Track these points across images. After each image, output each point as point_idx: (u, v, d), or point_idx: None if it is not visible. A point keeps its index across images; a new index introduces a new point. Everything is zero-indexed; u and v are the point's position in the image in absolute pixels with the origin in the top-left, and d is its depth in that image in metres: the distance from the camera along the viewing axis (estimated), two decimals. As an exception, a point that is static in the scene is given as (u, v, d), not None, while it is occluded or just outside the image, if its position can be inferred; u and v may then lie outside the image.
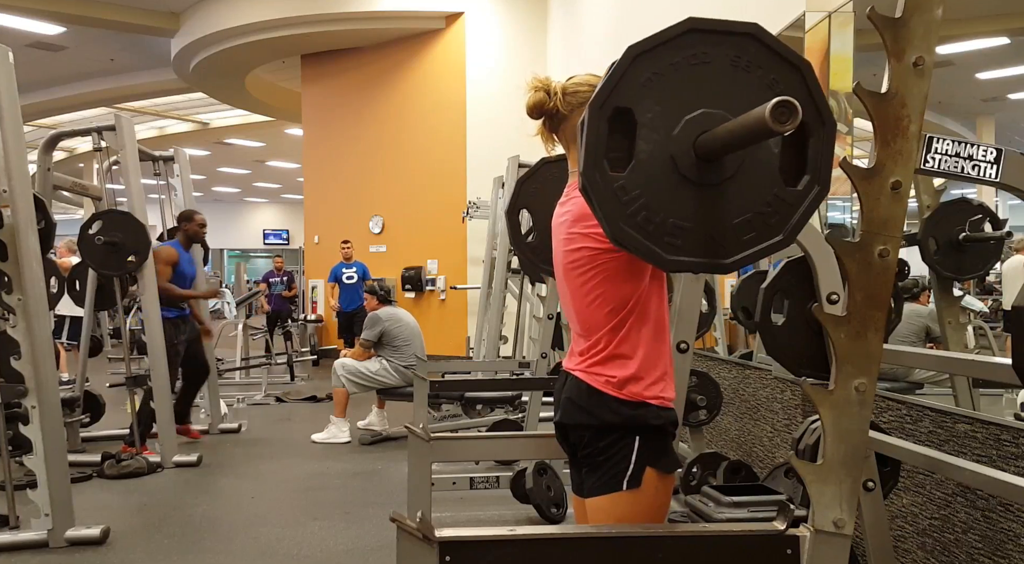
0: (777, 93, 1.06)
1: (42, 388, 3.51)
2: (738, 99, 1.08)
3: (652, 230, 1.10)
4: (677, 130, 1.07)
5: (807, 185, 1.11)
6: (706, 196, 1.11)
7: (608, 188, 1.08)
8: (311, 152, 11.91)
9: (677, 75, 1.08)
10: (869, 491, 2.00)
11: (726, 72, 1.09)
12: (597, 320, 1.61)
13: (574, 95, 1.66)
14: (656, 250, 1.11)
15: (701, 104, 1.08)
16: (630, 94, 1.07)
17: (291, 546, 3.64)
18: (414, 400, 4.07)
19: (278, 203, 28.02)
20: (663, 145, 1.08)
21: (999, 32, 2.87)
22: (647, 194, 1.09)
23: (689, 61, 1.08)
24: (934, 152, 1.57)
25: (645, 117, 1.07)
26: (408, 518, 1.21)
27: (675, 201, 1.10)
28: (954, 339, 2.57)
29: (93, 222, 4.92)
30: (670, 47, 1.08)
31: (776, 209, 1.13)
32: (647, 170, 1.09)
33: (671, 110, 1.08)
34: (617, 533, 1.39)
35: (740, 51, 1.09)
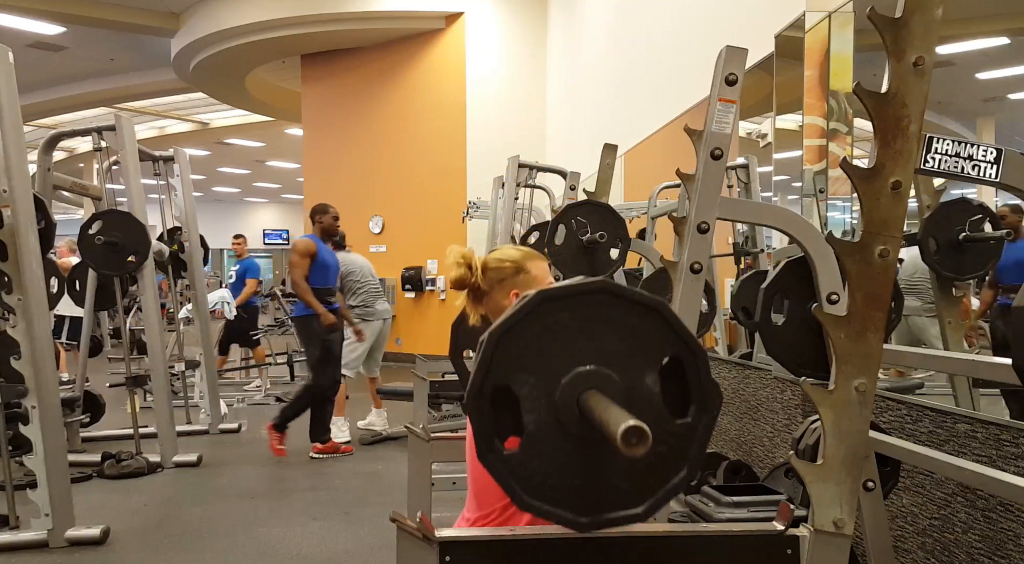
0: (641, 338, 1.10)
1: (42, 388, 3.51)
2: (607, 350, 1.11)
3: (558, 496, 1.12)
4: (558, 395, 1.10)
5: (696, 415, 1.13)
6: (602, 450, 1.12)
7: (506, 467, 1.10)
8: (311, 152, 11.91)
9: (543, 344, 1.11)
10: (869, 491, 1.99)
11: (589, 328, 1.11)
12: (489, 496, 1.61)
13: (496, 271, 1.71)
14: (566, 515, 1.12)
15: (573, 364, 1.10)
16: (504, 372, 1.10)
17: (291, 546, 3.64)
18: (414, 400, 4.06)
19: (278, 203, 28.02)
20: (548, 411, 1.10)
21: (999, 32, 2.87)
22: (544, 462, 1.11)
23: (550, 329, 1.11)
24: (934, 152, 1.57)
25: (523, 391, 1.10)
26: (408, 518, 1.21)
27: (573, 462, 1.12)
28: (954, 339, 2.57)
29: (93, 222, 4.92)
30: (529, 320, 1.10)
31: (672, 445, 1.14)
32: (538, 439, 1.11)
33: (547, 377, 1.10)
34: (617, 533, 1.39)
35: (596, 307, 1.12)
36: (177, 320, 7.24)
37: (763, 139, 4.11)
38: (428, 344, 9.54)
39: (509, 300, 1.70)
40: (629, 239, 3.43)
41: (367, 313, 5.99)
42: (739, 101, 1.89)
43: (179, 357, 6.75)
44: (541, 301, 1.10)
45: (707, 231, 1.87)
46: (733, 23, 4.57)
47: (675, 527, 1.58)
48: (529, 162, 5.23)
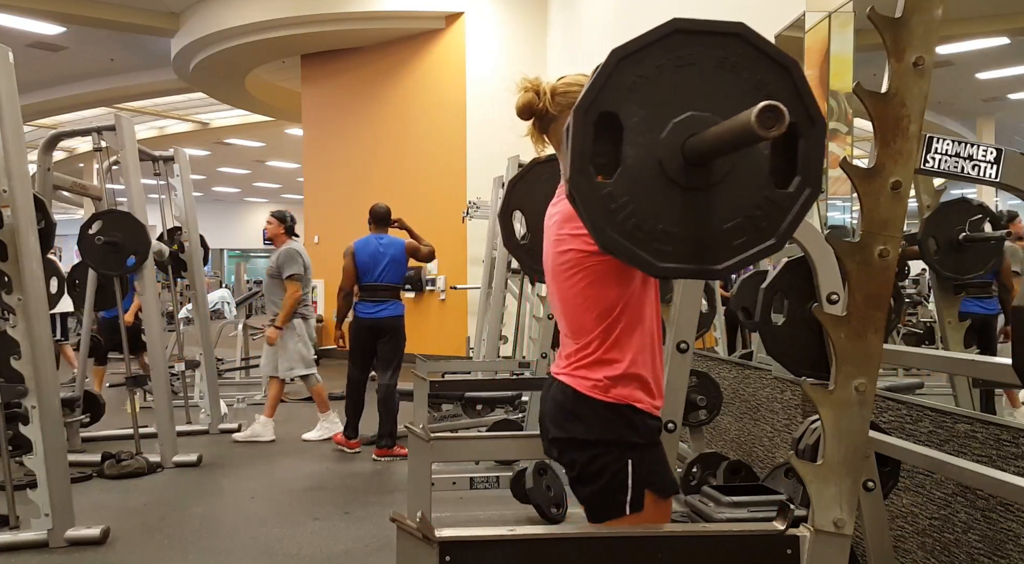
0: (765, 94, 1.05)
1: (42, 388, 3.51)
2: (726, 101, 1.06)
3: (641, 237, 1.08)
4: (664, 134, 1.06)
5: (798, 187, 1.09)
6: (695, 201, 1.09)
7: (595, 195, 1.06)
8: (311, 152, 11.91)
9: (663, 78, 1.06)
10: (869, 491, 2.00)
11: (713, 74, 1.07)
12: (585, 323, 1.59)
13: (564, 96, 1.66)
14: (646, 257, 1.09)
15: (688, 107, 1.06)
16: (615, 98, 1.05)
17: (291, 546, 3.64)
18: (414, 400, 4.07)
19: (278, 203, 28.01)
20: (650, 149, 1.06)
21: (999, 32, 2.87)
22: (635, 200, 1.07)
23: (675, 63, 1.06)
24: (934, 152, 1.57)
25: (631, 121, 1.05)
26: (408, 518, 1.21)
27: (664, 206, 1.08)
28: (954, 339, 2.57)
29: (93, 222, 4.92)
30: (655, 49, 1.06)
31: (767, 212, 1.11)
32: (635, 175, 1.07)
33: (658, 114, 1.06)
34: (617, 533, 1.39)
35: (727, 52, 1.07)
36: (177, 320, 7.24)
37: (763, 139, 4.11)
38: (428, 344, 9.54)
39: None
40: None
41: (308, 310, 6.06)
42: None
43: (179, 357, 6.75)
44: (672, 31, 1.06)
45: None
46: (733, 23, 4.57)
47: (675, 527, 1.58)
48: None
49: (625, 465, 1.55)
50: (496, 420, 5.26)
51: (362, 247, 5.64)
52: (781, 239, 1.12)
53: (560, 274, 1.62)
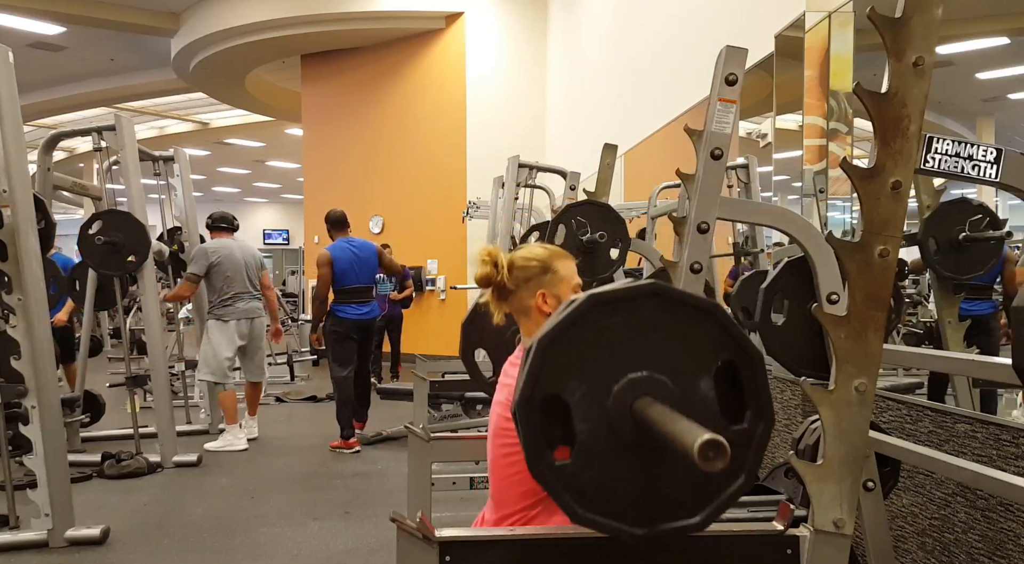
0: (695, 341, 1.07)
1: (42, 388, 3.51)
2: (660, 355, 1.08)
3: (614, 509, 1.09)
4: (610, 402, 1.07)
5: (752, 420, 1.10)
6: (656, 459, 1.09)
7: (559, 477, 1.07)
8: (311, 152, 11.91)
9: (593, 350, 1.08)
10: (869, 491, 1.99)
11: (641, 333, 1.08)
12: (511, 496, 1.57)
13: (522, 270, 1.67)
14: (624, 528, 1.10)
15: (625, 370, 1.07)
16: (553, 381, 1.06)
17: (291, 546, 3.64)
18: (414, 400, 4.07)
19: (278, 203, 28.01)
20: (600, 420, 1.07)
21: (999, 32, 2.87)
22: (598, 472, 1.08)
23: (601, 333, 1.08)
24: (934, 152, 1.57)
25: (575, 398, 1.07)
26: (408, 518, 1.21)
27: (627, 471, 1.09)
28: (954, 339, 2.57)
29: (93, 222, 4.93)
30: (578, 326, 1.07)
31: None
32: (591, 448, 1.07)
33: (599, 384, 1.07)
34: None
35: (649, 311, 1.09)
36: (177, 320, 7.24)
37: (763, 139, 4.11)
38: (428, 344, 9.55)
39: (535, 299, 1.67)
40: (629, 239, 3.43)
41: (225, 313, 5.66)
42: (739, 101, 1.89)
43: (179, 357, 6.75)
44: (591, 305, 1.07)
45: (707, 231, 1.87)
46: (733, 23, 4.57)
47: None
48: (529, 162, 5.23)
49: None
50: (496, 420, 5.25)
51: (339, 255, 5.70)
52: (749, 476, 1.12)
53: (499, 437, 1.61)
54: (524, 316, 1.69)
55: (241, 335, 5.72)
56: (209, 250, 5.67)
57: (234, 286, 5.66)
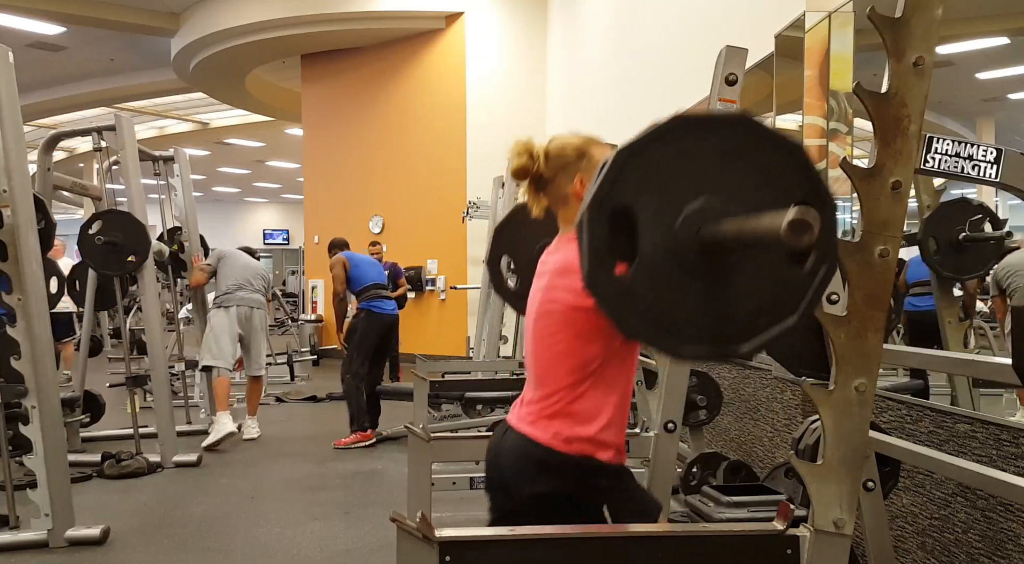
0: (773, 176, 1.08)
1: (42, 388, 3.51)
2: (735, 186, 1.09)
3: (664, 325, 1.11)
4: (678, 223, 1.08)
5: (815, 264, 1.11)
6: (714, 286, 1.11)
7: (615, 289, 1.08)
8: (311, 152, 11.91)
9: (671, 169, 1.08)
10: (869, 491, 2.00)
11: (720, 161, 1.09)
12: (556, 373, 1.57)
13: (558, 158, 1.66)
14: (672, 342, 1.12)
15: (699, 195, 1.08)
16: (627, 192, 1.07)
17: (291, 546, 3.64)
18: (414, 400, 4.07)
19: (278, 203, 28.01)
20: (665, 239, 1.08)
21: (999, 32, 2.87)
22: (655, 290, 1.09)
23: (682, 154, 1.09)
24: (934, 152, 1.57)
25: (644, 214, 1.07)
26: (408, 518, 1.21)
27: (684, 294, 1.10)
28: (954, 339, 2.57)
29: (93, 222, 4.93)
30: (660, 143, 1.08)
31: (785, 292, 1.13)
32: (652, 266, 1.08)
33: (670, 204, 1.08)
34: (617, 533, 1.39)
35: (732, 140, 1.09)
36: (177, 320, 7.24)
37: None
38: (428, 344, 9.54)
39: (573, 187, 1.65)
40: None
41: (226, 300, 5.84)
42: (739, 101, 1.89)
43: (179, 357, 6.75)
44: (675, 125, 1.08)
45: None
46: (733, 23, 4.57)
47: (675, 527, 1.59)
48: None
49: (601, 510, 1.54)
50: (496, 420, 5.26)
51: (352, 256, 5.98)
52: (803, 316, 1.14)
53: (543, 319, 1.61)
54: (563, 205, 1.68)
55: (240, 322, 5.83)
56: (222, 249, 6.12)
57: (237, 280, 5.88)
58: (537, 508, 1.60)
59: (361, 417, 5.72)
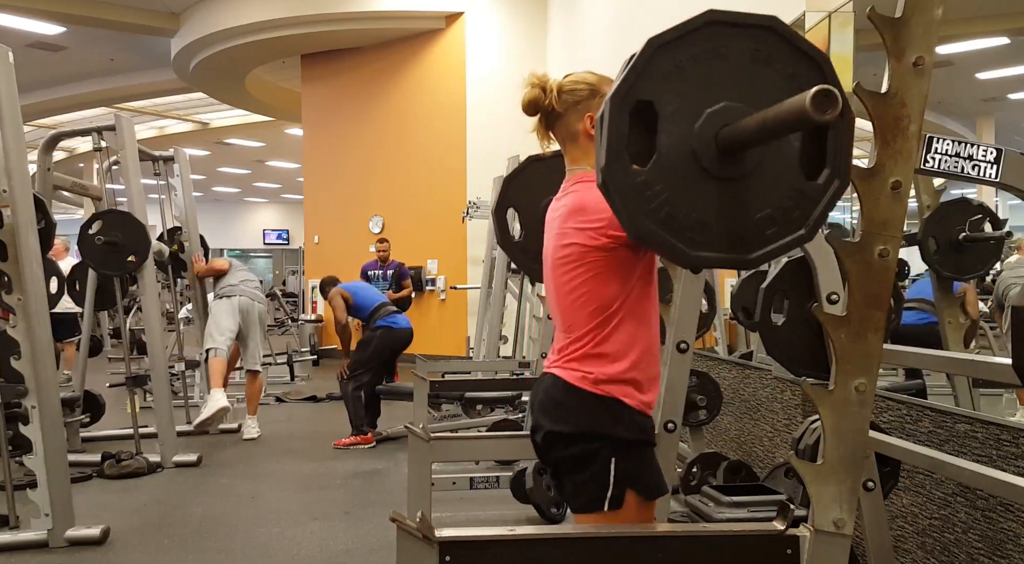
0: (797, 86, 1.06)
1: (42, 388, 3.51)
2: (758, 92, 1.08)
3: (675, 226, 1.10)
4: (699, 124, 1.07)
5: (827, 179, 1.11)
6: (728, 191, 1.10)
7: (629, 183, 1.07)
8: (311, 152, 11.91)
9: (697, 68, 1.08)
10: (869, 491, 2.00)
11: (745, 65, 1.09)
12: (580, 318, 1.59)
13: (571, 93, 1.67)
14: (678, 246, 1.11)
15: (722, 97, 1.08)
16: (651, 87, 1.06)
17: (291, 546, 3.64)
18: (414, 400, 4.07)
19: (278, 203, 28.00)
20: (685, 139, 1.07)
21: (999, 32, 2.87)
22: (669, 189, 1.08)
23: (709, 54, 1.08)
24: (934, 152, 1.57)
25: (666, 110, 1.06)
26: (408, 518, 1.21)
27: (697, 196, 1.10)
28: (954, 339, 2.57)
29: (93, 222, 4.92)
30: (690, 39, 1.08)
31: (797, 203, 1.12)
32: (669, 164, 1.08)
33: (692, 103, 1.07)
34: (617, 533, 1.39)
35: (759, 44, 1.09)
36: (177, 320, 7.24)
37: (763, 139, 4.11)
38: (428, 344, 9.53)
39: (583, 123, 1.66)
40: (629, 239, 3.41)
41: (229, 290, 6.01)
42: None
43: (179, 357, 6.75)
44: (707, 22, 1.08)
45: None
46: (733, 23, 4.56)
47: (675, 527, 1.59)
48: (529, 162, 5.23)
49: (608, 462, 1.56)
50: (496, 420, 5.26)
51: (348, 286, 6.13)
52: (811, 230, 1.14)
53: (560, 267, 1.63)
54: (571, 142, 1.68)
55: (241, 312, 5.95)
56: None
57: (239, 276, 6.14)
58: (549, 448, 1.63)
59: (360, 422, 5.73)
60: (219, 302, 6.00)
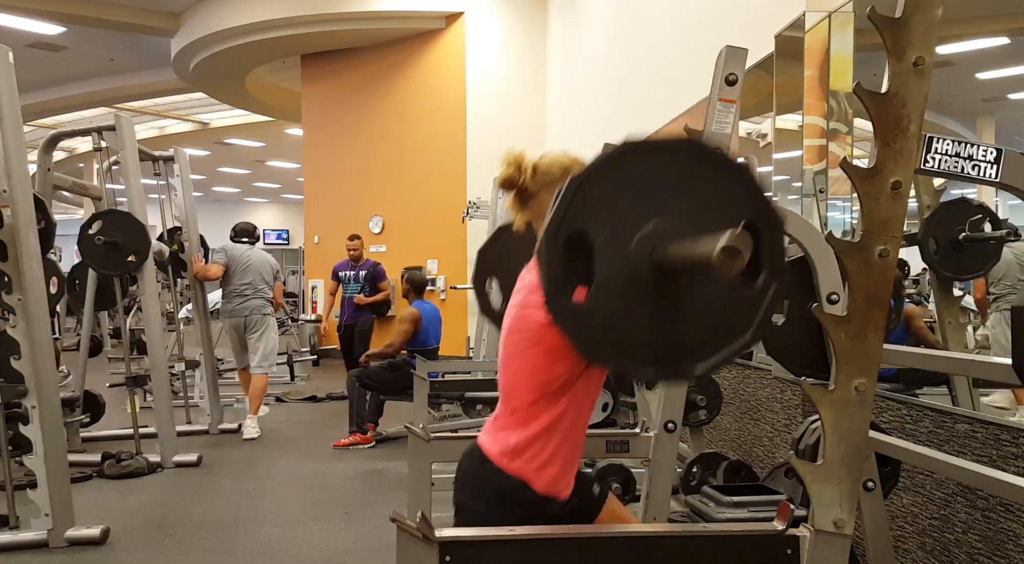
0: (721, 197, 1.10)
1: (42, 388, 3.51)
2: (685, 208, 1.11)
3: (623, 347, 1.13)
4: (632, 247, 1.10)
5: (765, 281, 1.13)
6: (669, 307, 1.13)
7: (574, 314, 1.11)
8: (311, 152, 11.91)
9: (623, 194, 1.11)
10: (869, 491, 2.00)
11: (670, 184, 1.12)
12: (521, 387, 1.58)
13: (545, 174, 1.68)
14: (629, 364, 1.15)
15: (650, 218, 1.11)
16: (581, 219, 1.10)
17: (291, 546, 3.64)
18: (414, 400, 4.07)
19: (278, 203, 28.00)
20: (621, 263, 1.11)
21: (999, 32, 2.87)
22: (612, 313, 1.12)
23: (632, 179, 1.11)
24: (934, 152, 1.57)
25: (599, 239, 1.10)
26: (408, 518, 1.21)
27: (640, 316, 1.13)
28: (954, 339, 2.57)
29: (93, 222, 4.93)
30: (612, 169, 1.11)
31: (738, 309, 1.14)
32: (609, 289, 1.11)
33: (623, 228, 1.10)
34: (617, 533, 1.39)
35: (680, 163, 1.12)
36: (177, 320, 7.24)
37: (763, 139, 4.11)
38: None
39: None
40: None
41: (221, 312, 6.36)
42: (739, 101, 1.89)
43: (179, 357, 6.76)
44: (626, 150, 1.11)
45: (707, 231, 1.87)
46: (733, 23, 4.57)
47: (675, 527, 1.59)
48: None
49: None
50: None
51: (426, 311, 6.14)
52: (756, 334, 1.16)
53: (514, 335, 1.62)
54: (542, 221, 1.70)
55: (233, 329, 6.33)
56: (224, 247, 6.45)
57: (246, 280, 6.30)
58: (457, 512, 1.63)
59: (362, 420, 5.75)
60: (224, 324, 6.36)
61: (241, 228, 6.53)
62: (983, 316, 2.92)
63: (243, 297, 6.19)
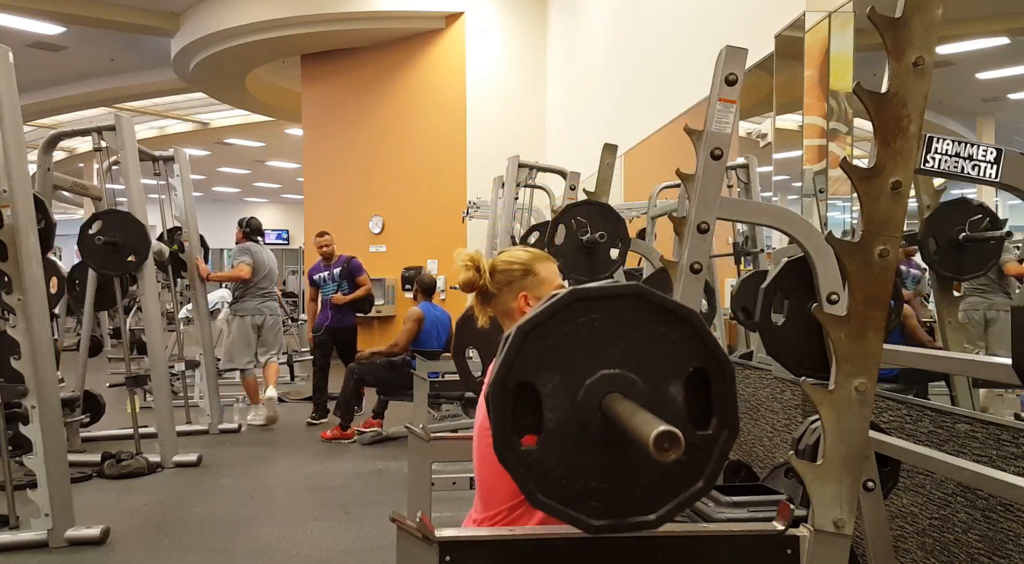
0: (670, 343, 1.10)
1: (42, 388, 3.51)
2: (634, 355, 1.11)
3: (572, 497, 1.12)
4: (580, 395, 1.09)
5: (716, 428, 1.12)
6: (619, 455, 1.12)
7: (523, 463, 1.10)
8: (311, 152, 11.91)
9: (570, 343, 1.10)
10: (869, 491, 1.99)
11: (617, 332, 1.11)
12: (499, 492, 1.56)
13: (504, 274, 1.69)
14: (579, 517, 1.12)
15: (599, 367, 1.10)
16: (528, 369, 1.09)
17: (291, 546, 3.64)
18: (414, 400, 4.07)
19: (278, 203, 28.00)
20: (569, 411, 1.10)
21: (999, 32, 2.87)
22: (562, 462, 1.11)
23: (579, 328, 1.10)
24: (934, 152, 1.57)
25: (547, 388, 1.09)
26: (408, 518, 1.21)
27: (590, 465, 1.12)
28: (954, 339, 2.57)
29: (93, 222, 4.93)
30: (558, 319, 1.10)
31: (690, 456, 1.12)
32: (558, 438, 1.10)
33: (571, 377, 1.10)
34: (617, 533, 1.39)
35: (627, 311, 1.11)
36: (177, 320, 7.24)
37: (763, 139, 4.11)
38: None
39: (518, 302, 1.68)
40: (629, 239, 3.43)
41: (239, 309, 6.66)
42: (739, 101, 1.89)
43: (179, 357, 6.76)
44: (572, 301, 1.10)
45: (707, 231, 1.87)
46: (733, 23, 4.57)
47: (675, 527, 1.58)
48: (529, 162, 5.23)
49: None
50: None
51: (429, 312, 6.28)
52: (708, 481, 1.14)
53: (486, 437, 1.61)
54: (507, 318, 1.71)
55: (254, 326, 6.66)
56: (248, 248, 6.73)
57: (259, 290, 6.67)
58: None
59: (348, 412, 5.89)
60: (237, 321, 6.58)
61: (256, 226, 6.85)
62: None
63: (263, 297, 6.60)
